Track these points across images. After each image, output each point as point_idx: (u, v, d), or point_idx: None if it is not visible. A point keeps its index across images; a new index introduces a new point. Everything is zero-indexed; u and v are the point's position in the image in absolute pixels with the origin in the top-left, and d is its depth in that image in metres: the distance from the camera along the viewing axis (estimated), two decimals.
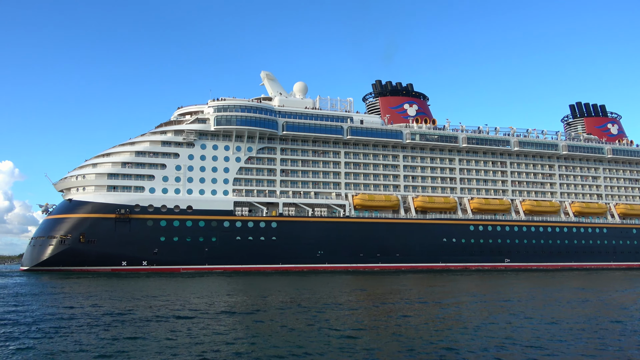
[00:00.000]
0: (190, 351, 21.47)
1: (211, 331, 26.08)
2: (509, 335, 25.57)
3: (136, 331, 26.07)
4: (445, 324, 29.13)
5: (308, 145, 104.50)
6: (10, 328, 27.09)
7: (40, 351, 21.59)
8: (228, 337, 24.47)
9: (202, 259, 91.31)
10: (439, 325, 28.77)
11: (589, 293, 50.56)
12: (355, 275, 79.43)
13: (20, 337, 24.47)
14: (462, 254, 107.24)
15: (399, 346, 22.75)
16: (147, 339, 24.02)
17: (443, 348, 22.31)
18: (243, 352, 21.30)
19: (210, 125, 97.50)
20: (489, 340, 24.03)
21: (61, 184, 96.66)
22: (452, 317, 31.99)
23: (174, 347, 22.28)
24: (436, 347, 22.56)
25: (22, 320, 29.55)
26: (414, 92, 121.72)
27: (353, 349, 22.00)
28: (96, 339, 23.97)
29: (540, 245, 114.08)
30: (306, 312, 33.22)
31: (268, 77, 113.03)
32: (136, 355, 20.83)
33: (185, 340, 23.79)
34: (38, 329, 26.66)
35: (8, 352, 21.54)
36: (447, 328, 27.72)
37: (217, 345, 22.68)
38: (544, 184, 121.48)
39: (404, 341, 23.72)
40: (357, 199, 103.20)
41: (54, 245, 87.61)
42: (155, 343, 23.13)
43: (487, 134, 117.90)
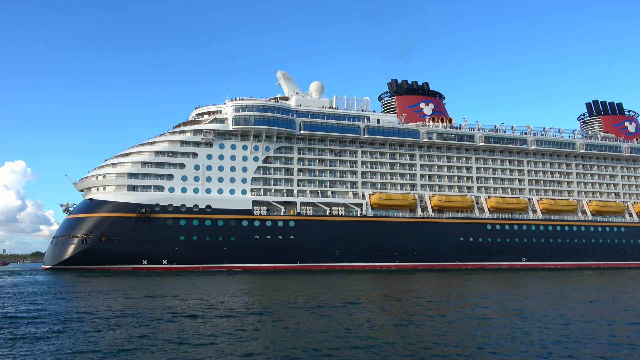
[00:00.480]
0: (207, 350, 21.56)
1: (228, 330, 26.22)
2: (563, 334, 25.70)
3: (167, 329, 26.53)
4: (467, 324, 29.27)
5: (325, 144, 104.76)
6: (39, 325, 27.63)
7: (71, 348, 22.08)
8: (247, 336, 24.65)
9: (221, 257, 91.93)
10: (459, 325, 28.92)
11: (609, 293, 50.38)
12: (372, 275, 79.60)
13: (48, 334, 25.01)
14: (479, 253, 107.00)
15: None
16: (167, 338, 24.45)
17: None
18: (259, 352, 21.30)
19: (228, 125, 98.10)
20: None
21: (81, 183, 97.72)
22: (477, 318, 32.12)
23: (190, 346, 22.43)
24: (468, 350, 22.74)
25: (52, 319, 30.11)
26: (430, 90, 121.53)
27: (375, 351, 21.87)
28: (109, 338, 24.42)
29: (557, 244, 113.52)
30: (326, 311, 33.37)
31: (284, 77, 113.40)
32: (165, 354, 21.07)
33: (200, 340, 23.88)
34: (75, 325, 27.22)
35: (36, 348, 22.00)
36: (472, 328, 27.88)
37: (233, 345, 22.73)
38: (561, 183, 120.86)
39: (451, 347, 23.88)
40: (374, 198, 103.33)
41: (75, 244, 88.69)
42: (171, 342, 23.45)
43: (503, 132, 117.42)
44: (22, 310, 33.83)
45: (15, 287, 53.49)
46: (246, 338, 24.12)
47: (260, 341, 23.79)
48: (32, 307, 35.76)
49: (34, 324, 28.25)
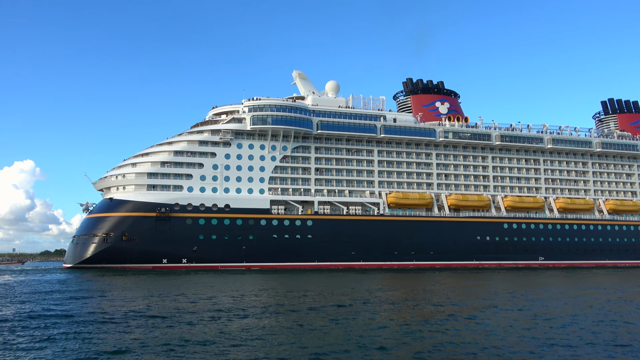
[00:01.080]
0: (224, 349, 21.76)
1: (248, 330, 26.25)
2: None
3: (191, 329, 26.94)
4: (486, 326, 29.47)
5: (342, 143, 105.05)
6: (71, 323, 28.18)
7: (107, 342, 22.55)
8: (268, 336, 24.77)
9: (240, 256, 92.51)
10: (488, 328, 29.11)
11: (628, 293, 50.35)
12: (390, 274, 79.66)
13: (77, 331, 25.52)
14: (496, 251, 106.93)
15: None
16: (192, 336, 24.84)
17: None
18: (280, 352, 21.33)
19: (246, 125, 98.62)
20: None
21: (100, 183, 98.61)
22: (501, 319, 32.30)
23: (210, 346, 22.64)
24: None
25: (85, 318, 30.67)
26: (445, 89, 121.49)
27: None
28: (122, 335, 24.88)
29: (574, 243, 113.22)
30: (346, 311, 33.35)
31: (300, 77, 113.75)
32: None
33: (220, 339, 23.97)
34: (109, 320, 27.74)
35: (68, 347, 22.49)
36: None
37: (252, 345, 22.79)
38: (577, 182, 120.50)
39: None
40: (391, 197, 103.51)
41: (96, 243, 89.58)
42: (197, 341, 23.76)
43: (519, 131, 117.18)
44: (77, 309, 34.44)
45: (51, 285, 54.23)
46: (286, 341, 24.07)
47: (285, 342, 23.57)
48: (89, 306, 36.38)
49: (100, 323, 28.79)
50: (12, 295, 43.84)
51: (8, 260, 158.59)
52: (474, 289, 52.58)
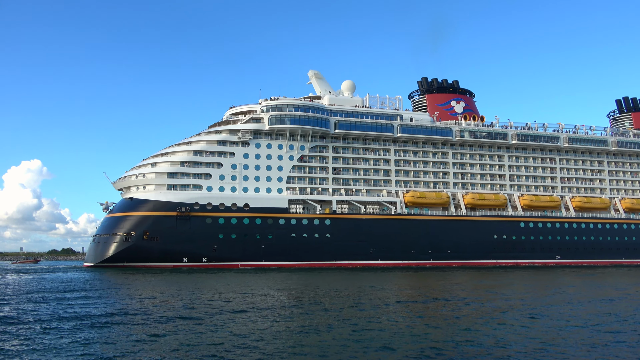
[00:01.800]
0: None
1: (268, 328, 26.41)
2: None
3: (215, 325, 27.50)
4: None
5: (359, 143, 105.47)
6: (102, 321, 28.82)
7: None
8: (287, 334, 25.00)
9: (259, 255, 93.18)
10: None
11: None
12: (408, 273, 79.92)
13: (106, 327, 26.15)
14: (513, 250, 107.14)
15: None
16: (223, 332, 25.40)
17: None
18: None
19: (264, 125, 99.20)
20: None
21: (120, 182, 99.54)
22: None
23: (229, 343, 22.93)
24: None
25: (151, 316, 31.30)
26: (460, 88, 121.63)
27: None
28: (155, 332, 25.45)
29: (590, 241, 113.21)
30: (365, 311, 33.34)
31: (316, 76, 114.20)
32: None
33: (239, 338, 24.05)
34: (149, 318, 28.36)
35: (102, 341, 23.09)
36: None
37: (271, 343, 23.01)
38: (593, 180, 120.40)
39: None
40: (408, 196, 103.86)
41: (118, 242, 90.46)
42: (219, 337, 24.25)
43: (535, 130, 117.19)
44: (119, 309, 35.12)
45: (86, 283, 55.02)
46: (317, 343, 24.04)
47: (307, 343, 23.45)
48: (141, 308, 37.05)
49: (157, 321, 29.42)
50: (53, 293, 44.61)
51: (23, 259, 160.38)
52: (537, 289, 52.91)
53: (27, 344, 23.04)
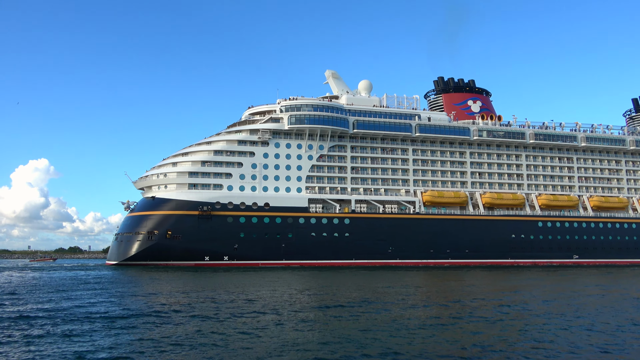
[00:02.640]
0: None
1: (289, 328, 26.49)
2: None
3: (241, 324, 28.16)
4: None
5: (377, 142, 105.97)
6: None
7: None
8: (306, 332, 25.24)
9: (280, 254, 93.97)
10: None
11: None
12: (428, 272, 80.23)
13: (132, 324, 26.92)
14: (531, 250, 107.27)
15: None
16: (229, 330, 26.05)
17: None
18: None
19: (283, 125, 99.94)
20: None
21: (141, 182, 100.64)
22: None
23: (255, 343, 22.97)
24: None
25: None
26: (477, 88, 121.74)
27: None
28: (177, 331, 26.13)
29: (608, 241, 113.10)
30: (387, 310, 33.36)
31: (333, 76, 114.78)
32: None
33: (267, 338, 24.04)
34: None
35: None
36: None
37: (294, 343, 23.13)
38: (610, 180, 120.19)
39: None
40: (427, 195, 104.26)
41: (141, 241, 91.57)
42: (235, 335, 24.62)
43: (553, 129, 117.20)
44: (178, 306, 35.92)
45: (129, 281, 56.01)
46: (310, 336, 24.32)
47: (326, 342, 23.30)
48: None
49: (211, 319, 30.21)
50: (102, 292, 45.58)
51: (41, 257, 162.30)
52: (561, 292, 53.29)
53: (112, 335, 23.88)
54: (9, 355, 20.48)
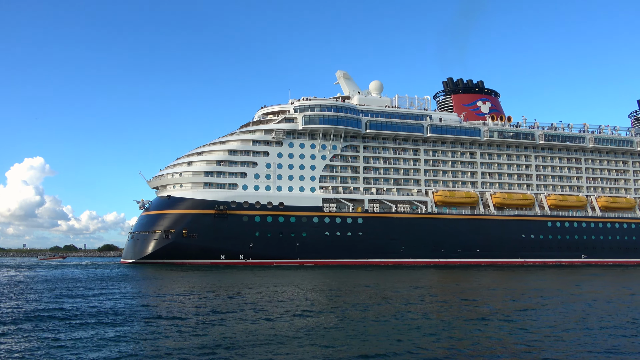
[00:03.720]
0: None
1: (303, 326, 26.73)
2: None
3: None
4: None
5: (389, 143, 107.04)
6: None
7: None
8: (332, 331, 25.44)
9: (294, 253, 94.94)
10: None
11: None
12: (441, 270, 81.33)
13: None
14: (540, 249, 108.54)
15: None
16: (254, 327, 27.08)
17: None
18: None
19: (297, 125, 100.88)
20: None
21: (155, 181, 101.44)
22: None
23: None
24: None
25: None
26: (486, 89, 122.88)
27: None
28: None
29: (616, 241, 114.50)
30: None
31: (344, 77, 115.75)
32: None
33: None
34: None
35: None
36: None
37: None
38: (618, 180, 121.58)
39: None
40: (438, 195, 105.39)
41: (157, 240, 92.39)
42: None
43: (562, 130, 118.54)
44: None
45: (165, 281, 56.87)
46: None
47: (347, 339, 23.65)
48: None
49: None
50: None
51: (50, 256, 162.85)
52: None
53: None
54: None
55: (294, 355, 20.23)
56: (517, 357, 20.44)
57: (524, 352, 21.28)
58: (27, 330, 25.04)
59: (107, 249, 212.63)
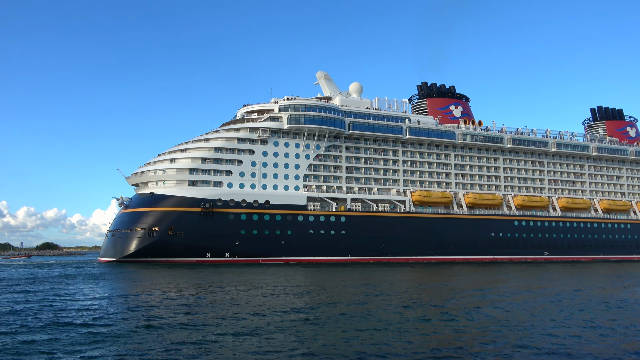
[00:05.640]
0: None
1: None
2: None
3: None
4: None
5: (370, 143, 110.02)
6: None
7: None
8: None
9: (279, 251, 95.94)
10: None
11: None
12: (419, 267, 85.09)
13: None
14: (508, 247, 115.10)
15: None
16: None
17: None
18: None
19: (283, 124, 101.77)
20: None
21: (135, 178, 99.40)
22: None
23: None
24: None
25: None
26: (458, 93, 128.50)
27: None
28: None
29: (574, 239, 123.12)
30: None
31: (325, 77, 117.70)
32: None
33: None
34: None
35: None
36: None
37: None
38: (575, 183, 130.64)
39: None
40: (416, 195, 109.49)
41: (142, 237, 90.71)
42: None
43: (527, 135, 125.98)
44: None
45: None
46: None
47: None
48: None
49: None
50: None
51: (14, 254, 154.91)
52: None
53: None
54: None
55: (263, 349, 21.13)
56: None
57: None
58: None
59: (47, 247, 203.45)
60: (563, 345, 22.55)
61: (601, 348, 22.16)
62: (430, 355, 20.36)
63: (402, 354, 20.53)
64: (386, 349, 21.22)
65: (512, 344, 22.55)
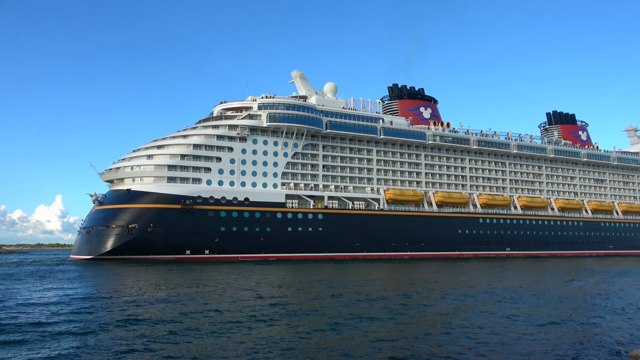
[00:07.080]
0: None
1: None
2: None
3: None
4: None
5: (345, 143, 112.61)
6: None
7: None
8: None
9: (259, 247, 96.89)
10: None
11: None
12: (391, 263, 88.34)
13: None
14: (473, 243, 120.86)
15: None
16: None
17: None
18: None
19: (262, 122, 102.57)
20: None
21: (110, 174, 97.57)
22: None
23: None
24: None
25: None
26: (427, 96, 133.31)
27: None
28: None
29: (533, 235, 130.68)
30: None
31: (300, 77, 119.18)
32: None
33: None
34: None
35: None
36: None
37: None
38: (534, 183, 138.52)
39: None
40: (389, 193, 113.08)
41: (119, 235, 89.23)
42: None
43: (491, 137, 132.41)
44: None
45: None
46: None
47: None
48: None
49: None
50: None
51: None
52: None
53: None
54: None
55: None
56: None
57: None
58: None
59: None
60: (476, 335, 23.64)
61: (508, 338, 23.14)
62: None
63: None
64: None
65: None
